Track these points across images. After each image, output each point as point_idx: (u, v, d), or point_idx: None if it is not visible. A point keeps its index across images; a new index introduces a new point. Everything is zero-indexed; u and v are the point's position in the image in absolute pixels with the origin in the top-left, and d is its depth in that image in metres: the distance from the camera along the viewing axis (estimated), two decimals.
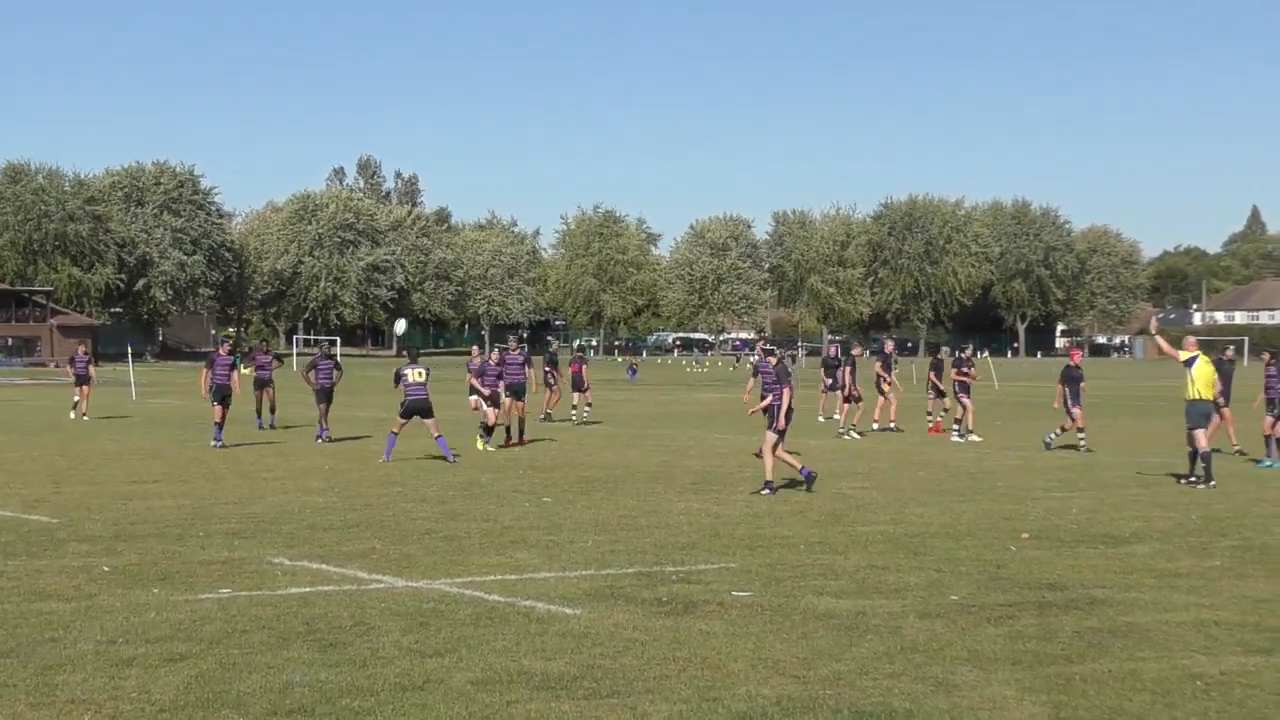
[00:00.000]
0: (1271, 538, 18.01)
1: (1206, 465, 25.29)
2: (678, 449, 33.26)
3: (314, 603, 14.00)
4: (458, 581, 15.30)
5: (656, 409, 52.10)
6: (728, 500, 23.02)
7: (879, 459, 30.61)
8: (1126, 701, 10.57)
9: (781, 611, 13.71)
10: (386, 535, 18.76)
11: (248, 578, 15.45)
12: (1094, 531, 19.54)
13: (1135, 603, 14.38)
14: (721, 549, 17.73)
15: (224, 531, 18.99)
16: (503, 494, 23.76)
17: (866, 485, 25.34)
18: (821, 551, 17.58)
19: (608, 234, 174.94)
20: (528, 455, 31.40)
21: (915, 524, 20.25)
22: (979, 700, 10.53)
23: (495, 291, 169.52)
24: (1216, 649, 12.29)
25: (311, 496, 23.17)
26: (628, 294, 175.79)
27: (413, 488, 24.49)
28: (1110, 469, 28.39)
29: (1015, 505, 22.45)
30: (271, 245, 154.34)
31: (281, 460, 29.90)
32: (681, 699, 10.44)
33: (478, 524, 19.93)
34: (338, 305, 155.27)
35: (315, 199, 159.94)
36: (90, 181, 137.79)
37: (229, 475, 26.69)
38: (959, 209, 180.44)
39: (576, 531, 19.21)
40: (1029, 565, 16.67)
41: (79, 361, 48.13)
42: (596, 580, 15.43)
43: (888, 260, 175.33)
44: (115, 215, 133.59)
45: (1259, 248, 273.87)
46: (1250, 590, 15.18)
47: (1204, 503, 22.90)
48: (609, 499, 23.17)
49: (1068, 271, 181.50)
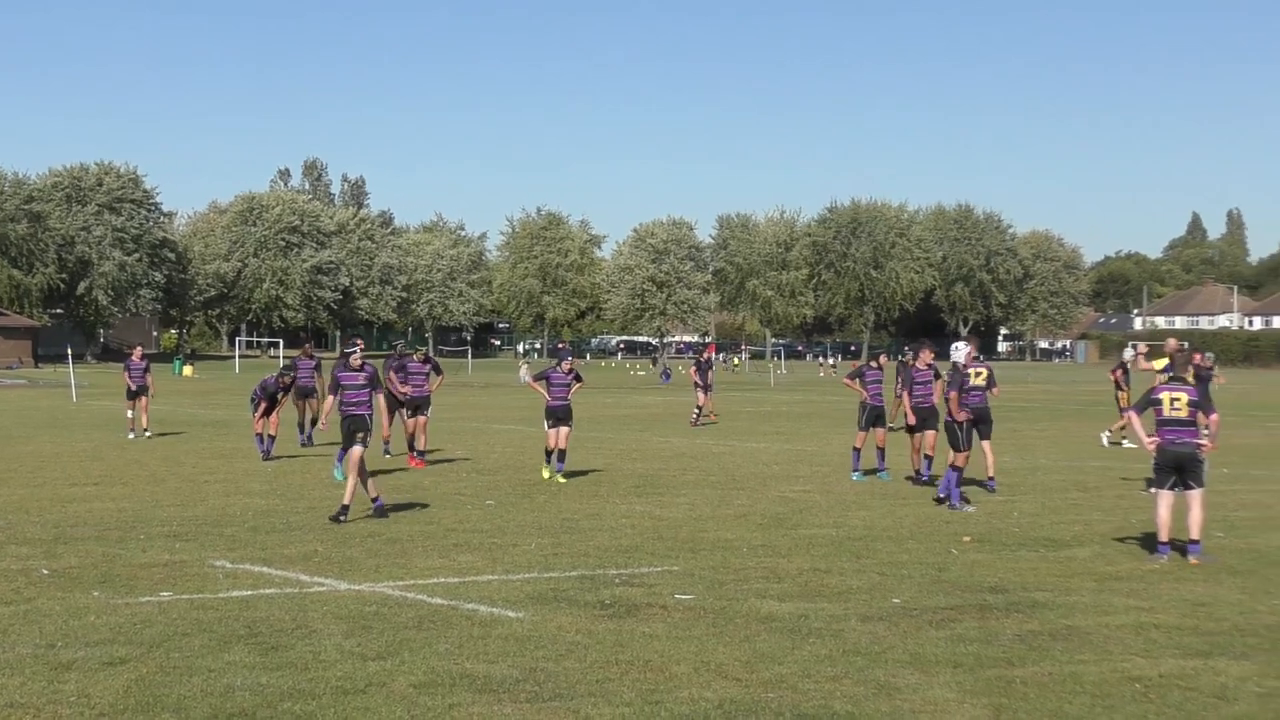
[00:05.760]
0: (1210, 541, 18.12)
1: None
2: (620, 452, 33.25)
3: (255, 606, 13.95)
4: (400, 584, 15.27)
5: (599, 412, 52.03)
6: (670, 503, 23.04)
7: (822, 462, 30.66)
8: (1067, 704, 10.63)
9: (724, 614, 13.74)
10: (329, 538, 18.71)
11: (189, 581, 15.38)
12: (1035, 535, 19.64)
13: (1075, 606, 14.47)
14: (664, 552, 17.74)
15: (165, 534, 18.90)
16: (446, 497, 23.71)
17: (809, 488, 25.40)
18: (764, 554, 17.62)
19: (551, 236, 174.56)
20: (468, 457, 31.31)
21: (858, 527, 20.32)
22: (920, 703, 10.57)
23: (438, 294, 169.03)
24: (1155, 652, 12.38)
25: (253, 499, 23.07)
26: (570, 297, 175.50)
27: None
28: (1051, 473, 28.52)
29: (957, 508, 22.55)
30: (215, 247, 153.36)
31: (223, 463, 29.75)
32: (624, 702, 10.45)
33: (421, 527, 19.90)
34: (281, 308, 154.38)
35: (260, 200, 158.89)
36: (30, 181, 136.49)
37: (170, 478, 26.54)
38: (903, 213, 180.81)
39: (519, 534, 19.20)
40: (970, 568, 16.75)
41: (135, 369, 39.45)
42: (539, 583, 15.42)
43: (832, 264, 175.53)
44: (55, 214, 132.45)
45: (1199, 253, 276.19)
46: (1189, 593, 15.29)
47: (1144, 506, 23.01)
48: (552, 502, 23.15)
49: (1010, 276, 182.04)
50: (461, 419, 45.41)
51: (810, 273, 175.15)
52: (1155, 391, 18.38)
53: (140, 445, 34.38)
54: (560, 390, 26.87)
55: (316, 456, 30.72)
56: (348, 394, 21.61)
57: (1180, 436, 17.83)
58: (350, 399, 21.53)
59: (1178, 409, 17.91)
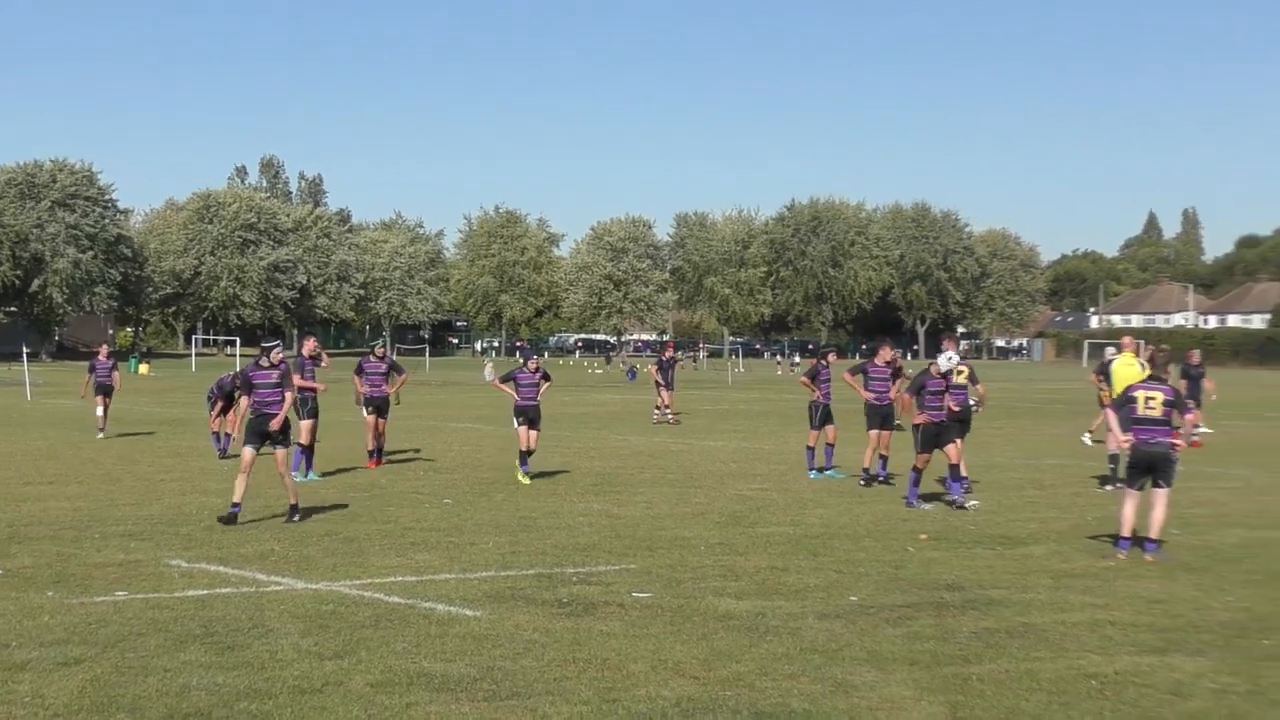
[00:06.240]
0: (1164, 538, 18.19)
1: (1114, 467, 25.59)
2: (578, 450, 33.22)
3: (211, 605, 13.90)
4: (357, 583, 15.24)
5: (556, 410, 51.97)
6: (628, 501, 23.05)
7: (779, 461, 30.69)
8: (1023, 701, 10.67)
9: (681, 613, 13.75)
10: (285, 537, 18.66)
11: (144, 580, 15.32)
12: (991, 532, 19.71)
13: (1032, 603, 14.53)
14: (622, 550, 17.75)
15: (120, 533, 18.81)
16: (403, 495, 23.67)
17: (766, 487, 25.43)
18: (722, 553, 17.64)
19: (508, 235, 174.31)
20: (428, 457, 31.23)
21: (815, 525, 20.36)
22: (877, 701, 10.59)
23: (396, 292, 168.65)
24: (1111, 649, 12.44)
25: (209, 498, 22.97)
26: (528, 295, 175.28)
27: (311, 490, 24.32)
28: (1008, 471, 28.61)
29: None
30: (171, 244, 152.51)
31: (179, 462, 29.62)
32: (581, 700, 10.45)
33: (378, 526, 19.86)
34: (238, 306, 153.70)
35: (217, 198, 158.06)
36: None
37: (126, 476, 26.41)
38: (861, 212, 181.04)
39: (477, 533, 19.18)
40: (927, 566, 16.80)
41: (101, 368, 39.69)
42: (497, 582, 15.41)
43: (790, 262, 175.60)
44: (9, 211, 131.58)
45: (1155, 252, 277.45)
46: (1144, 590, 15.37)
47: (1100, 504, 23.13)
48: (509, 500, 23.13)
49: (967, 275, 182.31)
50: (419, 417, 45.30)
51: (768, 271, 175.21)
52: (1132, 389, 18.49)
53: (96, 444, 34.20)
54: (529, 390, 26.72)
55: (266, 455, 30.54)
56: (260, 393, 21.02)
57: (1154, 436, 17.92)
58: (263, 398, 21.04)
59: (1152, 408, 17.99)
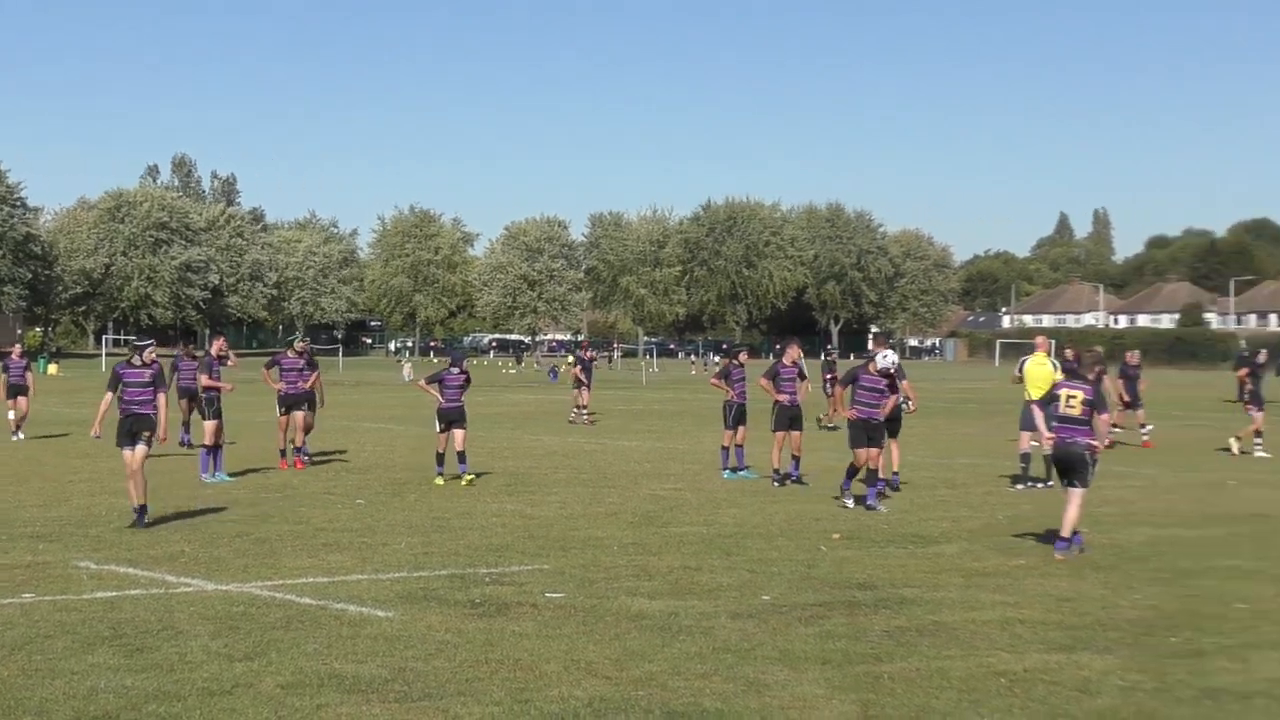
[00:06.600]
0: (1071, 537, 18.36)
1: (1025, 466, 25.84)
2: (491, 450, 33.14)
3: (120, 607, 13.79)
4: (268, 584, 15.16)
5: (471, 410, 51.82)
6: (542, 502, 23.03)
7: (693, 460, 30.73)
8: (934, 699, 10.73)
9: (594, 613, 13.75)
10: (196, 538, 18.52)
11: (52, 582, 15.18)
12: (904, 531, 19.82)
13: (943, 602, 14.62)
14: (535, 550, 17.74)
15: (28, 535, 18.63)
16: (315, 496, 23.55)
17: (680, 486, 25.47)
18: (635, 553, 17.65)
19: (422, 234, 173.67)
20: (342, 456, 31.10)
21: (728, 525, 20.41)
22: (789, 699, 10.63)
23: (309, 292, 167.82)
24: (1021, 647, 12.54)
25: (119, 499, 22.69)
26: (442, 295, 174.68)
27: (223, 490, 24.17)
28: (920, 470, 28.75)
29: (827, 506, 22.71)
30: (82, 243, 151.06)
31: (88, 462, 29.30)
32: (494, 701, 10.43)
33: (290, 526, 19.76)
34: (150, 305, 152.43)
35: (128, 197, 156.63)
36: None
37: (33, 477, 26.15)
38: (775, 212, 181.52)
39: (390, 533, 19.11)
40: (839, 565, 16.87)
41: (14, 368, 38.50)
42: (409, 582, 15.37)
43: (705, 261, 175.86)
44: None
45: (1067, 252, 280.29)
46: (1054, 589, 15.50)
47: (1011, 503, 23.31)
48: (422, 500, 23.06)
49: (881, 275, 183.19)
50: (332, 417, 45.01)
51: (683, 271, 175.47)
52: (1056, 387, 18.76)
53: (4, 446, 33.79)
54: (454, 393, 26.64)
55: (187, 456, 30.37)
56: (130, 391, 20.27)
57: (1072, 435, 18.12)
58: (132, 396, 20.40)
59: (1072, 406, 18.20)
